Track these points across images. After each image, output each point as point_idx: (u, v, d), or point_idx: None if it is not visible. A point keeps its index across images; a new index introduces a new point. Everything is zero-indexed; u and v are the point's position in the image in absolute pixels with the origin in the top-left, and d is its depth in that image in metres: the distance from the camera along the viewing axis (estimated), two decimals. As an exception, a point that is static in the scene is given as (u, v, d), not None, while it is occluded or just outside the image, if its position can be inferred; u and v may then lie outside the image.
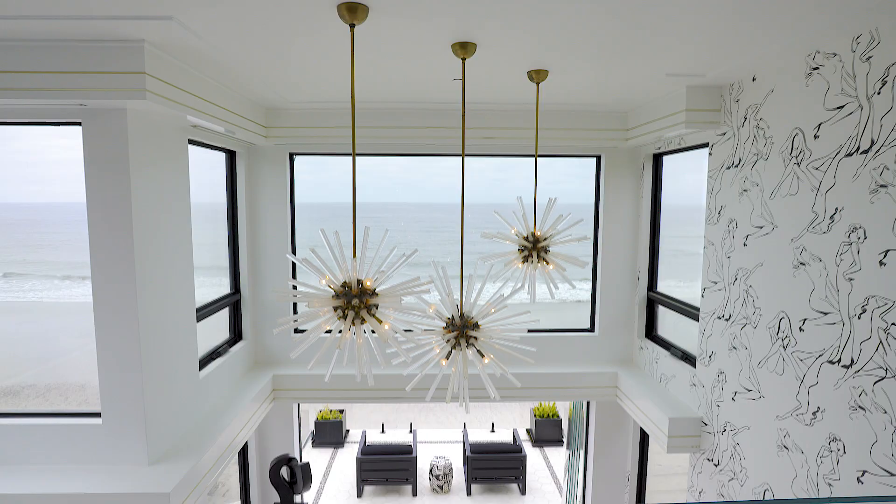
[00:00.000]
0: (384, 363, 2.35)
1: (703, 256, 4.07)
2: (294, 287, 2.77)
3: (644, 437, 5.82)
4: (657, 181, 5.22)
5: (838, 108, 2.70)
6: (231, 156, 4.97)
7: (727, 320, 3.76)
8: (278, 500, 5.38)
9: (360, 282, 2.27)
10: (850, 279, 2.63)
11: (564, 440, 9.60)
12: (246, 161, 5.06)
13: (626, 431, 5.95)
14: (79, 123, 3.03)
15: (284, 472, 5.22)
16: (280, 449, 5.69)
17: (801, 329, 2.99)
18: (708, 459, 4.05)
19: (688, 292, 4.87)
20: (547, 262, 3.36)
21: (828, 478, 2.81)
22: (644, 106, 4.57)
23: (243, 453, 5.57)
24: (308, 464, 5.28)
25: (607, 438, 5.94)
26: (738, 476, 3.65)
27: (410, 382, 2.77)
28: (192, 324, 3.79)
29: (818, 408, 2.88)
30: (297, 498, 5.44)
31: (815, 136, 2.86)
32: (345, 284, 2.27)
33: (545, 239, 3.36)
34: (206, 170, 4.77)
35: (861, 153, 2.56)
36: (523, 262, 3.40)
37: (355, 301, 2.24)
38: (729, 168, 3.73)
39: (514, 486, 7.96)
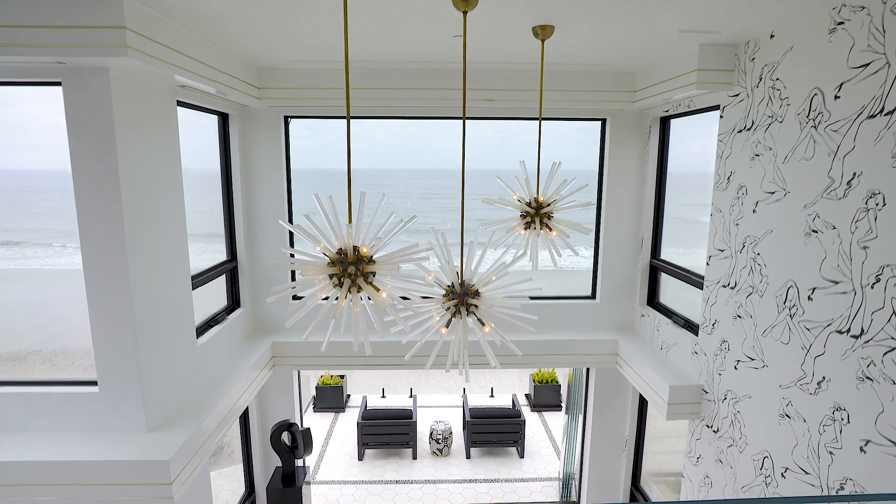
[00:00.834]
0: (382, 331, 2.29)
1: (709, 223, 3.97)
2: (292, 255, 2.67)
3: (643, 403, 5.86)
4: (664, 146, 5.06)
5: (863, 65, 2.55)
6: (223, 119, 4.80)
7: (732, 288, 3.69)
8: (280, 464, 5.45)
9: (356, 249, 2.18)
10: (865, 247, 2.54)
11: (563, 405, 9.72)
12: (239, 124, 4.89)
13: (624, 397, 5.99)
14: (59, 83, 2.87)
15: (285, 437, 5.27)
16: (281, 414, 5.73)
17: (809, 298, 2.92)
18: (707, 426, 4.06)
19: (689, 260, 4.79)
20: (550, 229, 3.26)
21: (829, 446, 2.79)
22: (654, 66, 4.38)
23: (244, 418, 5.62)
24: (308, 429, 5.32)
25: (606, 404, 5.98)
26: (737, 443, 3.66)
27: (409, 351, 2.71)
28: (188, 291, 3.73)
29: (823, 377, 2.83)
30: (299, 462, 5.51)
31: (836, 97, 2.71)
32: (340, 251, 2.18)
33: (548, 205, 3.25)
34: (199, 134, 4.62)
35: (885, 115, 2.43)
36: (525, 228, 3.30)
37: (351, 269, 2.15)
38: (741, 131, 3.58)
39: (513, 449, 8.09)
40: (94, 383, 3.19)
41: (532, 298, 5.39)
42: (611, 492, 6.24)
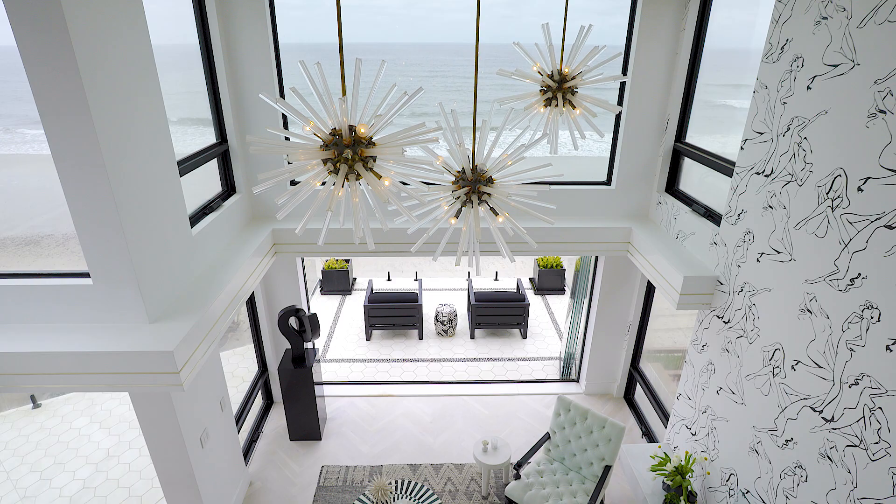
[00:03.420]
0: (385, 220, 2.06)
1: (751, 102, 3.53)
2: (287, 139, 2.33)
3: (650, 289, 5.83)
4: (705, 9, 4.39)
5: None
6: (196, -27, 4.12)
7: (767, 176, 3.38)
8: (289, 346, 5.59)
9: (352, 128, 1.86)
10: (944, 130, 2.18)
11: (567, 289, 9.88)
12: (215, -20, 4.21)
13: (632, 283, 5.95)
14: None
15: (293, 322, 5.33)
16: (287, 299, 5.76)
17: (859, 189, 2.62)
18: (718, 317, 4.00)
19: (714, 147, 4.41)
20: (573, 106, 2.87)
21: (851, 343, 2.69)
22: None
23: (251, 303, 5.65)
24: (315, 315, 5.37)
25: (613, 290, 5.97)
26: (748, 334, 3.61)
27: (416, 243, 2.51)
28: (175, 175, 3.44)
29: (859, 274, 2.64)
30: (308, 345, 5.65)
31: (947, -65, 2.16)
32: (334, 132, 1.86)
33: (573, 78, 2.83)
34: (171, 4, 4.00)
35: None
36: (545, 105, 2.91)
37: (347, 152, 1.85)
38: (807, -13, 3.01)
39: (516, 331, 8.34)
40: (86, 275, 3.05)
41: (540, 183, 5.10)
42: (609, 371, 6.49)
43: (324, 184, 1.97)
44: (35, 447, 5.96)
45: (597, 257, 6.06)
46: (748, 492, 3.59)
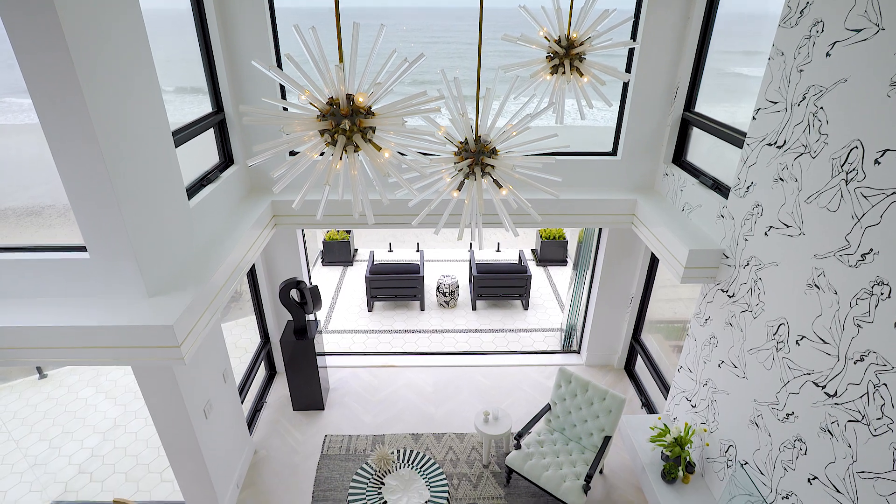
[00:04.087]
0: (386, 192, 2.00)
1: (765, 69, 3.39)
2: (285, 109, 2.24)
3: (653, 261, 5.79)
4: (719, -30, 4.20)
5: None
6: (186, -69, 3.93)
7: (779, 147, 3.27)
8: (291, 318, 5.59)
9: (350, 97, 1.78)
10: (970, 99, 2.09)
11: (569, 261, 9.84)
12: (206, -61, 4.02)
13: (635, 256, 5.91)
14: None
15: (294, 294, 5.31)
16: (288, 271, 5.74)
17: (877, 162, 2.53)
18: (722, 290, 3.96)
19: (723, 117, 4.29)
20: (581, 74, 2.76)
21: (859, 319, 2.65)
22: None
23: (252, 275, 5.63)
24: (316, 287, 5.35)
25: (616, 262, 5.93)
26: (752, 309, 3.57)
27: (418, 216, 2.45)
28: (170, 146, 3.35)
29: (870, 249, 2.58)
30: (310, 316, 5.66)
31: None
32: (331, 101, 1.78)
33: (581, 44, 2.71)
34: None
35: None
36: (552, 73, 2.80)
37: (345, 123, 1.78)
38: (830, -54, 2.84)
39: (518, 302, 8.35)
40: (83, 249, 3.00)
41: (542, 154, 4.99)
42: (611, 343, 6.51)
43: (322, 154, 1.90)
44: (43, 416, 6.05)
45: (600, 229, 5.99)
46: (746, 463, 3.62)
